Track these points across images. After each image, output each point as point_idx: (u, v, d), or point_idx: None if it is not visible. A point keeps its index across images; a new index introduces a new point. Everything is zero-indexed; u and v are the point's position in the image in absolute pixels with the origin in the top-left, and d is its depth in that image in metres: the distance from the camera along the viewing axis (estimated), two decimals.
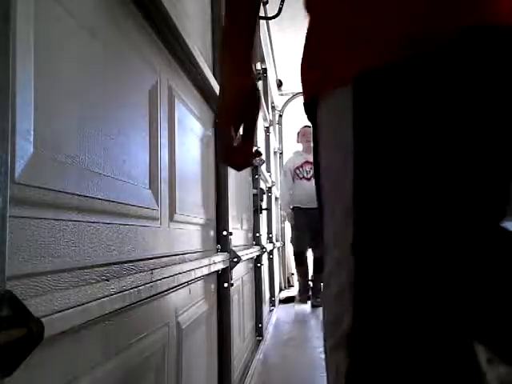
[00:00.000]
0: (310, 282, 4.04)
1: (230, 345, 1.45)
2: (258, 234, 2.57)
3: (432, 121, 0.43)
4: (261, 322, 2.59)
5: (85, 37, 0.64)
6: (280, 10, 3.28)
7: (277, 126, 5.20)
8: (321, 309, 0.55)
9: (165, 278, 0.84)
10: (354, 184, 0.46)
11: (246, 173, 2.40)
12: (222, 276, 1.45)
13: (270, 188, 3.58)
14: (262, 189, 2.70)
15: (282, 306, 3.78)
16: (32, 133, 0.50)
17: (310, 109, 0.56)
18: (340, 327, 0.46)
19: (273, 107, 4.45)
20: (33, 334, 0.41)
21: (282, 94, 5.35)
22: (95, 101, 0.67)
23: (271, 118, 4.06)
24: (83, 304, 0.53)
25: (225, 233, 1.47)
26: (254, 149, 0.81)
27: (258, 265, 2.61)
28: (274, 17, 3.37)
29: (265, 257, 3.02)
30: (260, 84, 2.98)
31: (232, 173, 1.75)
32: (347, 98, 0.47)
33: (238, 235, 1.94)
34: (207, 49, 1.47)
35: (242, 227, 2.14)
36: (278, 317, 3.34)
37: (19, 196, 0.47)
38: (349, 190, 0.46)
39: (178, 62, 1.10)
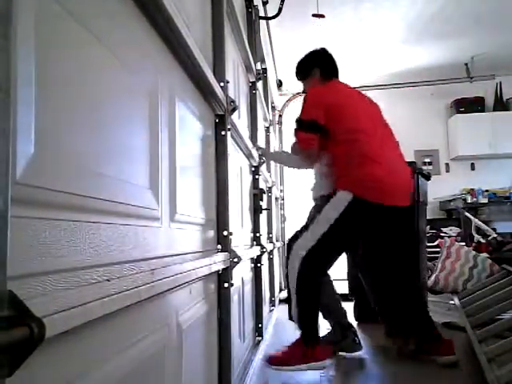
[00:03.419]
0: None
1: (229, 345, 1.45)
2: (258, 234, 2.57)
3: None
4: (261, 322, 2.59)
5: (85, 36, 0.64)
6: (280, 10, 3.30)
7: (277, 125, 5.19)
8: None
9: (165, 278, 0.83)
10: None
11: (247, 173, 2.40)
12: (223, 276, 1.45)
13: (270, 188, 3.58)
14: (262, 189, 2.70)
15: (282, 305, 3.78)
16: (33, 133, 0.50)
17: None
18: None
19: (273, 107, 4.45)
20: (34, 334, 0.41)
21: (281, 94, 5.35)
22: (95, 101, 0.66)
23: (271, 118, 4.06)
24: (84, 304, 0.53)
25: (225, 233, 1.47)
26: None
27: (258, 265, 2.61)
28: (273, 17, 3.38)
29: (265, 257, 3.02)
30: (260, 84, 2.97)
31: (232, 173, 1.75)
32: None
33: (238, 235, 1.93)
34: (208, 49, 1.47)
35: (242, 227, 2.14)
36: (277, 317, 3.33)
37: (20, 196, 0.47)
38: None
39: (179, 61, 1.10)
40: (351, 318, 3.02)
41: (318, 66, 2.23)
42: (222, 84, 1.47)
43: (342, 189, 1.90)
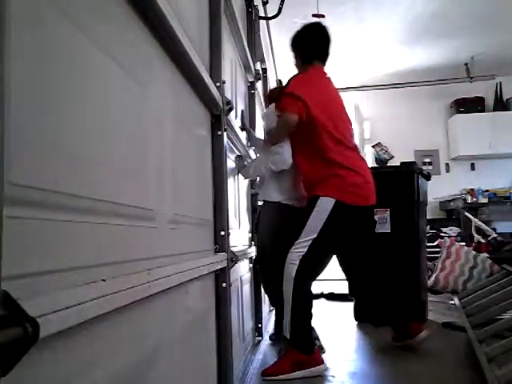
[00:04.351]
0: None
1: (229, 345, 1.45)
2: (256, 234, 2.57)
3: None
4: (261, 322, 2.59)
5: (82, 37, 0.64)
6: (280, 10, 3.30)
7: None
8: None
9: (162, 278, 0.84)
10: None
11: None
12: (220, 276, 1.45)
13: None
14: None
15: None
16: (29, 133, 0.50)
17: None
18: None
19: None
20: (28, 334, 0.41)
21: None
22: (93, 101, 0.67)
23: None
24: (79, 304, 0.53)
25: (223, 233, 1.47)
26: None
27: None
28: (273, 17, 3.38)
29: None
30: (260, 84, 2.98)
31: (230, 173, 1.75)
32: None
33: (236, 235, 1.94)
34: (204, 49, 1.47)
35: (240, 227, 2.15)
36: None
37: (16, 196, 0.47)
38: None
39: (174, 61, 1.10)
40: (351, 318, 3.03)
41: (303, 47, 2.30)
42: (218, 84, 1.47)
43: (323, 195, 2.05)
